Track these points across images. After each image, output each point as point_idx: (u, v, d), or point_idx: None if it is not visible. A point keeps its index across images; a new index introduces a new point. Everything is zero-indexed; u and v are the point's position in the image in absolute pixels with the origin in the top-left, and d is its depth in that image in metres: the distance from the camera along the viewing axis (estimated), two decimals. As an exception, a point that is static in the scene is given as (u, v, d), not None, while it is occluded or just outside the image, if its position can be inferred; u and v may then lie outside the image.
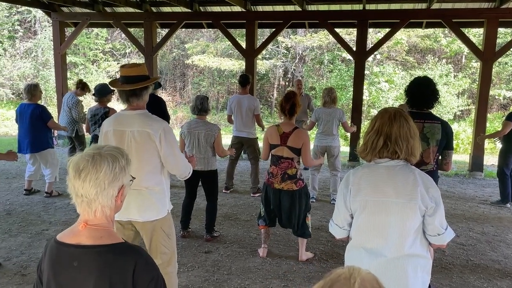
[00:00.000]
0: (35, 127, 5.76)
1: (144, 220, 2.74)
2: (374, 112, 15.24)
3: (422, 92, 3.27)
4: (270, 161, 4.08)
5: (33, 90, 5.80)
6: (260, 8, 8.83)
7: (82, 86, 7.00)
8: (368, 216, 2.02)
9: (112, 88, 5.13)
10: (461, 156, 11.09)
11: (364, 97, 15.39)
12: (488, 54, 7.69)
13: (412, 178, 1.97)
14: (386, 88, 16.06)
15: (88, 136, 6.10)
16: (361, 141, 2.11)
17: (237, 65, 18.18)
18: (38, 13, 17.68)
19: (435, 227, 1.98)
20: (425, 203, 1.95)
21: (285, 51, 19.30)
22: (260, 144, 5.34)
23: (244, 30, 9.23)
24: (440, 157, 3.34)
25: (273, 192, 4.01)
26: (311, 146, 6.95)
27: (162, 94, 19.53)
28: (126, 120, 2.70)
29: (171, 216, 2.92)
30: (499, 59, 15.57)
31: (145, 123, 2.66)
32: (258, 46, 8.98)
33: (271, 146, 3.99)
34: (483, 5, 7.79)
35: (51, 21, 10.27)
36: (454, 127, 14.14)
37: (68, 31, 10.50)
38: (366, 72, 16.23)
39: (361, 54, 8.32)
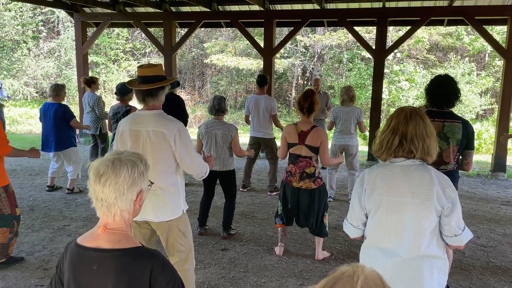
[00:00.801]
0: (58, 126, 5.90)
1: (159, 221, 2.77)
2: (393, 111, 15.05)
3: (443, 91, 3.21)
4: (288, 159, 4.08)
5: (59, 89, 5.95)
6: (278, 7, 8.82)
7: (92, 81, 7.14)
8: (383, 215, 2.00)
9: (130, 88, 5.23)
10: (483, 156, 10.86)
11: (383, 96, 15.22)
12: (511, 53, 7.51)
13: (428, 177, 1.94)
14: (407, 87, 15.84)
15: (110, 134, 6.21)
16: (376, 140, 2.09)
17: (255, 64, 18.20)
18: (61, 13, 18.06)
19: (451, 227, 1.95)
20: (441, 203, 1.92)
21: (304, 50, 19.22)
22: (278, 143, 5.36)
23: (262, 29, 9.23)
24: (460, 157, 3.29)
25: (292, 191, 4.01)
26: (329, 145, 6.94)
27: (181, 93, 19.73)
28: (142, 120, 2.73)
29: (187, 215, 2.95)
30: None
31: (160, 124, 2.69)
32: (276, 45, 8.97)
33: (289, 145, 3.98)
34: (507, 1, 7.60)
35: (74, 22, 10.49)
36: (477, 126, 13.85)
37: (90, 31, 10.70)
38: (386, 70, 16.06)
39: (380, 52, 8.23)
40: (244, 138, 8.22)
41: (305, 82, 20.66)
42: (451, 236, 1.97)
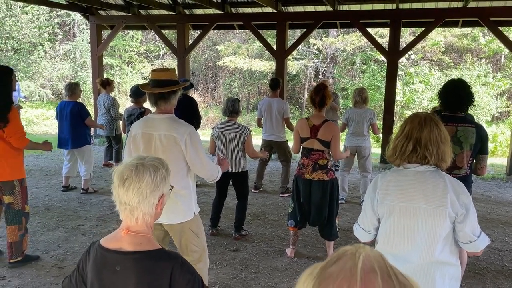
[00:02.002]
0: (75, 124, 6.00)
1: (171, 223, 2.81)
2: (407, 113, 14.92)
3: (456, 95, 3.17)
4: (301, 153, 4.08)
5: (73, 88, 6.05)
6: (291, 9, 8.84)
7: (108, 83, 7.24)
8: (395, 221, 1.99)
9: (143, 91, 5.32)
10: (499, 159, 10.70)
11: (398, 98, 15.11)
12: (528, 54, 7.40)
13: (442, 184, 1.93)
14: (421, 89, 15.69)
15: (124, 136, 6.30)
16: (390, 145, 2.08)
17: (268, 66, 18.22)
18: (77, 16, 18.33)
19: (466, 234, 1.93)
20: (455, 210, 1.91)
21: (317, 52, 19.18)
22: (291, 145, 5.37)
23: (275, 31, 9.25)
24: (474, 162, 3.26)
25: (304, 183, 4.00)
26: (341, 147, 6.92)
27: (194, 95, 19.83)
28: (154, 123, 2.78)
29: (199, 216, 2.98)
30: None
31: (172, 127, 2.73)
32: (288, 47, 8.98)
33: (302, 139, 3.99)
34: (523, 2, 7.50)
35: (89, 24, 10.65)
36: (492, 129, 13.66)
37: (105, 33, 10.85)
38: (400, 72, 15.95)
39: (393, 54, 8.18)
40: (256, 140, 8.24)
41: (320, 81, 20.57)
42: (466, 242, 1.96)
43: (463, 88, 3.19)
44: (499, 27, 7.80)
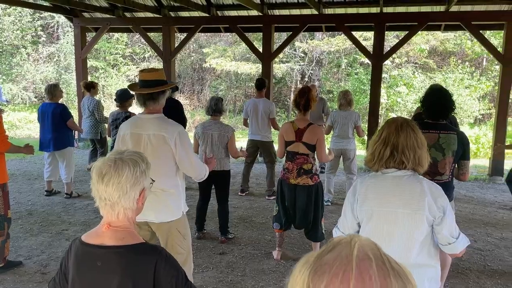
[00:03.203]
0: (56, 126, 5.93)
1: (159, 221, 2.81)
2: (392, 115, 15.09)
3: (439, 104, 3.23)
4: (286, 157, 4.09)
5: (53, 90, 5.97)
6: (276, 12, 8.89)
7: (92, 86, 7.16)
8: (374, 226, 2.02)
9: (132, 93, 5.28)
10: (481, 160, 10.89)
11: (382, 101, 15.28)
12: (508, 58, 7.55)
13: (420, 188, 1.96)
14: (405, 92, 15.89)
15: (109, 139, 6.24)
16: (369, 150, 2.10)
17: (254, 68, 18.25)
18: (61, 18, 18.11)
19: (444, 236, 1.97)
20: (432, 213, 1.93)
21: (302, 55, 19.29)
22: (276, 146, 5.39)
23: (261, 34, 9.29)
24: (456, 167, 3.31)
25: (289, 188, 4.01)
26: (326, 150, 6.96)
27: (180, 97, 19.74)
28: (143, 123, 2.78)
29: (186, 217, 2.97)
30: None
31: (161, 127, 2.74)
32: (274, 49, 9.02)
33: (287, 143, 3.99)
34: (503, 7, 7.67)
35: (73, 26, 10.53)
36: (475, 131, 13.88)
37: (90, 36, 10.75)
38: (385, 75, 16.13)
39: (378, 57, 8.27)
40: (243, 143, 8.24)
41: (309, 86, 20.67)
42: (445, 244, 1.99)
43: (445, 97, 3.26)
44: (481, 31, 7.96)
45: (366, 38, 15.24)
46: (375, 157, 2.04)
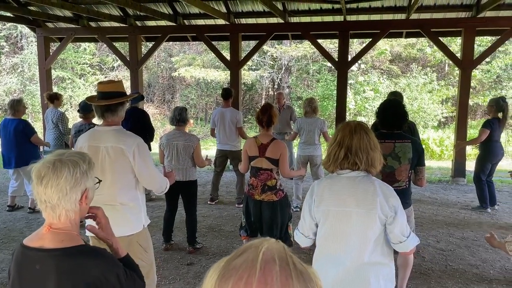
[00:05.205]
0: (19, 142, 5.77)
1: (119, 235, 2.76)
2: (360, 120, 15.38)
3: (393, 115, 3.36)
4: (250, 172, 4.11)
5: (16, 105, 5.82)
6: (243, 21, 8.96)
7: (56, 97, 6.99)
8: (330, 225, 2.09)
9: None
10: (445, 162, 11.24)
11: (350, 106, 15.58)
12: (466, 63, 7.87)
13: (372, 188, 2.04)
14: (372, 97, 16.26)
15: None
16: (325, 153, 2.19)
17: (224, 76, 18.30)
18: (25, 28, 17.67)
19: (395, 235, 2.05)
20: (384, 213, 2.01)
21: (272, 62, 19.47)
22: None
23: (229, 42, 9.33)
24: (413, 174, 3.43)
25: (254, 204, 4.04)
26: (295, 156, 7.04)
27: (149, 106, 19.58)
28: (101, 136, 2.74)
29: (148, 230, 2.94)
30: (482, 67, 15.91)
31: (119, 139, 2.70)
32: (242, 58, 9.08)
33: (250, 158, 4.03)
34: (460, 14, 7.99)
35: (36, 37, 10.29)
36: (439, 133, 14.32)
37: (55, 45, 10.52)
38: (352, 81, 16.46)
39: (343, 64, 8.45)
40: (213, 151, 8.23)
41: (275, 93, 20.88)
42: (397, 243, 2.08)
43: (398, 107, 3.40)
44: (440, 38, 8.25)
45: (333, 42, 15.53)
46: (330, 158, 2.13)
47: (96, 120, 5.83)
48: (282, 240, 4.12)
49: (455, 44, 15.10)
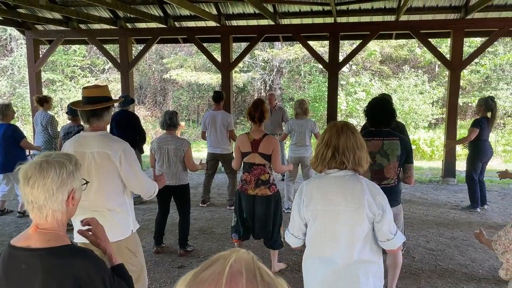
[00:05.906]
0: (8, 147, 5.73)
1: None
2: (351, 121, 15.46)
3: (381, 112, 3.38)
4: (243, 168, 4.11)
5: (4, 110, 5.77)
6: (234, 23, 8.97)
7: (45, 100, 6.93)
8: (319, 224, 2.10)
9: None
10: (436, 162, 11.33)
11: (342, 108, 15.64)
12: (455, 64, 7.94)
13: (360, 187, 2.07)
14: (364, 98, 16.34)
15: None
16: (313, 153, 2.21)
17: (215, 78, 18.28)
18: (14, 31, 17.52)
19: (383, 233, 2.08)
20: (372, 211, 2.04)
21: (263, 64, 19.50)
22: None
23: (220, 44, 9.34)
24: (402, 171, 3.45)
25: (247, 199, 4.02)
26: (286, 157, 7.05)
27: (141, 109, 19.49)
28: (86, 141, 2.71)
29: (137, 234, 2.93)
30: (471, 68, 16.07)
31: (105, 144, 2.68)
32: (233, 59, 9.08)
33: (243, 154, 4.02)
34: (449, 16, 8.07)
35: (26, 39, 10.22)
36: (430, 134, 14.43)
37: (44, 48, 10.45)
38: (343, 82, 16.54)
39: (333, 65, 8.49)
40: (205, 153, 8.22)
41: (267, 94, 20.90)
42: (384, 241, 2.11)
43: (386, 105, 3.43)
44: (429, 39, 8.33)
45: (323, 45, 15.60)
46: (318, 158, 2.15)
47: (85, 123, 5.83)
48: (273, 240, 4.13)
49: (445, 45, 15.23)
